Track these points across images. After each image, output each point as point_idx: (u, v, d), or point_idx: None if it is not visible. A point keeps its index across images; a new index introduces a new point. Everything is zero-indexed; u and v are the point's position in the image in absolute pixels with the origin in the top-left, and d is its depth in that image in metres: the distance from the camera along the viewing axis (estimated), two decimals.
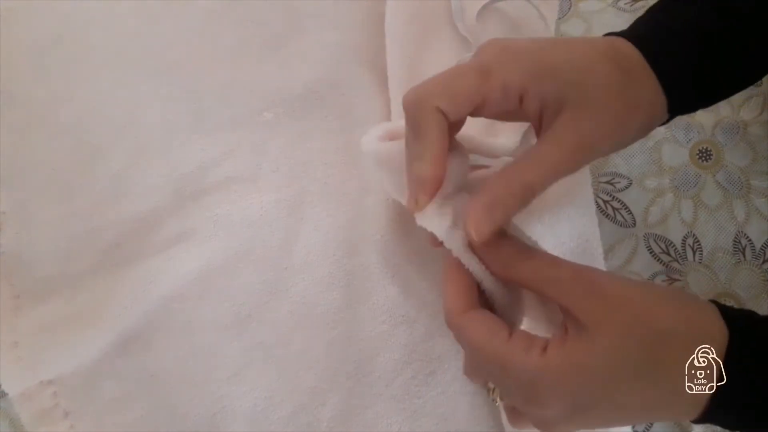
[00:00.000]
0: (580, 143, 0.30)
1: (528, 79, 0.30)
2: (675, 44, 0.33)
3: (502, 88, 0.30)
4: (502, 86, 0.30)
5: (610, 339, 0.28)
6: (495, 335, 0.29)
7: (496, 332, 0.29)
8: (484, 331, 0.29)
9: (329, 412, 0.42)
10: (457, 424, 0.42)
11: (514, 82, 0.30)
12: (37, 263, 0.42)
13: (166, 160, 0.45)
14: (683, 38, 0.34)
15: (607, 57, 0.32)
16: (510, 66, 0.31)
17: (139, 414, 0.41)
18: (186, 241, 0.43)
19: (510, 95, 0.31)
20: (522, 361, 0.28)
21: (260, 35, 0.49)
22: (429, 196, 0.31)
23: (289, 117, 0.47)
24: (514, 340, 0.29)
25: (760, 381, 0.28)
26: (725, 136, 0.49)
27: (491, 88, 0.30)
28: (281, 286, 0.44)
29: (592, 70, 0.31)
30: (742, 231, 0.47)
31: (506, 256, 0.30)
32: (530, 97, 0.31)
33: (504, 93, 0.30)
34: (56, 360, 0.40)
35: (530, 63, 0.31)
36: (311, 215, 0.45)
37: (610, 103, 0.31)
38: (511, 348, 0.29)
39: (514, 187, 0.30)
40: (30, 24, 0.46)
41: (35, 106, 0.45)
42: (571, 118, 0.30)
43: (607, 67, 0.32)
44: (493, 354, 0.29)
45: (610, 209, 0.47)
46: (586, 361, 0.28)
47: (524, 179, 0.30)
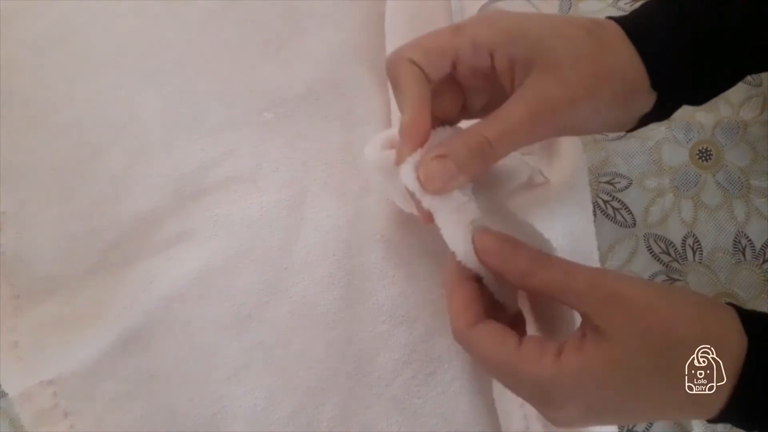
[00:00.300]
0: (542, 105, 0.30)
1: (498, 37, 0.31)
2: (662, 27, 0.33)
3: (472, 44, 0.31)
4: (471, 41, 0.31)
5: (628, 347, 0.27)
6: (504, 345, 0.29)
7: (504, 342, 0.29)
8: (492, 342, 0.29)
9: (329, 412, 0.42)
10: (457, 424, 0.42)
11: (484, 38, 0.31)
12: (37, 263, 0.42)
13: (166, 160, 0.45)
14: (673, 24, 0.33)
15: (584, 27, 0.32)
16: (483, 25, 0.31)
17: (139, 414, 0.41)
18: (186, 241, 0.43)
19: (480, 52, 0.31)
20: (535, 368, 0.28)
21: (260, 35, 0.49)
22: (410, 146, 0.31)
23: (289, 117, 0.47)
24: (524, 348, 0.29)
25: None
26: (725, 136, 0.49)
27: (462, 43, 0.31)
28: (281, 286, 0.44)
29: (565, 34, 0.31)
30: (742, 231, 0.47)
31: (520, 267, 0.30)
32: (500, 55, 0.31)
33: (474, 49, 0.31)
34: (56, 360, 0.40)
35: (503, 24, 0.31)
36: (311, 215, 0.45)
37: (577, 67, 0.31)
38: (522, 356, 0.28)
39: (471, 142, 0.30)
40: (30, 24, 0.46)
41: (35, 106, 0.45)
42: (536, 80, 0.30)
43: (580, 33, 0.32)
44: (504, 363, 0.29)
45: (610, 209, 0.47)
46: (603, 368, 0.27)
47: (482, 134, 0.30)
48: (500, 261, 0.30)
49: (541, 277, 0.29)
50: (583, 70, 0.31)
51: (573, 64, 0.31)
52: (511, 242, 0.30)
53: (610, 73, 0.31)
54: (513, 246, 0.30)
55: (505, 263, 0.30)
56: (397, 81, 0.31)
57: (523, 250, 0.30)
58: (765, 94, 0.50)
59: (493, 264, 0.30)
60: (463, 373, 0.43)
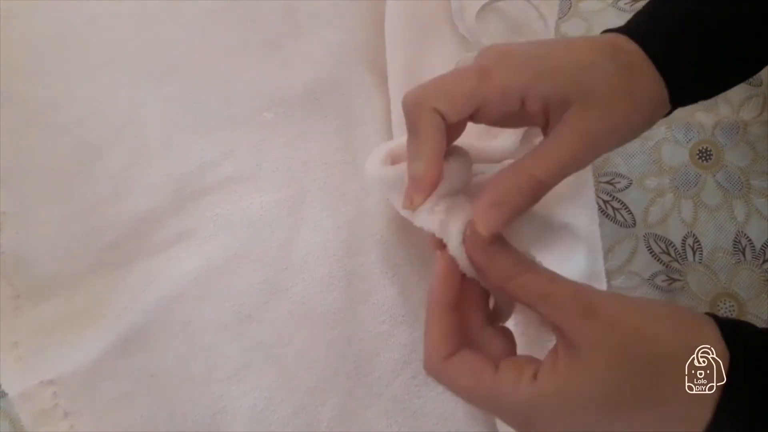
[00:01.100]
0: (587, 138, 0.30)
1: (529, 81, 0.30)
2: (674, 36, 0.34)
3: (501, 90, 0.30)
4: (501, 88, 0.30)
5: (604, 364, 0.27)
6: (479, 376, 0.28)
7: (480, 373, 0.28)
8: (468, 374, 0.29)
9: (329, 412, 0.42)
10: (457, 424, 0.42)
11: (515, 84, 0.30)
12: (37, 263, 0.42)
13: (166, 160, 0.45)
14: (682, 30, 0.34)
15: (608, 54, 0.32)
16: (510, 68, 0.31)
17: (139, 414, 0.41)
18: (186, 241, 0.43)
19: (509, 97, 0.31)
20: (512, 394, 0.27)
21: (260, 35, 0.49)
22: (423, 195, 0.31)
23: (289, 117, 0.47)
24: (501, 375, 0.28)
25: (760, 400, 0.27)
26: (725, 136, 0.49)
27: (490, 90, 0.30)
28: (281, 286, 0.44)
29: (595, 67, 0.31)
30: (742, 231, 0.47)
31: (504, 267, 0.30)
32: (533, 98, 0.31)
33: (503, 95, 0.30)
34: (56, 360, 0.40)
35: (531, 64, 0.31)
36: (311, 215, 0.45)
37: (614, 99, 0.31)
38: (499, 383, 0.28)
39: (522, 182, 0.30)
40: (30, 24, 0.46)
41: (35, 106, 0.45)
42: (577, 115, 0.30)
43: (608, 63, 0.32)
44: (481, 395, 0.28)
45: (610, 209, 0.47)
46: (580, 387, 0.27)
47: (532, 173, 0.30)
48: (486, 259, 0.30)
49: (523, 281, 0.29)
50: (619, 101, 0.31)
51: (610, 97, 0.31)
52: (500, 242, 0.30)
53: (642, 99, 0.32)
54: (500, 245, 0.30)
55: (491, 262, 0.30)
56: (416, 127, 0.31)
57: (510, 251, 0.30)
58: (765, 94, 0.50)
59: (477, 260, 0.30)
60: None
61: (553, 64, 0.31)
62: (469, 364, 0.29)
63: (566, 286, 0.29)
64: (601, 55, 0.32)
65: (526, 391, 0.27)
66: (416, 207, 0.32)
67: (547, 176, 0.30)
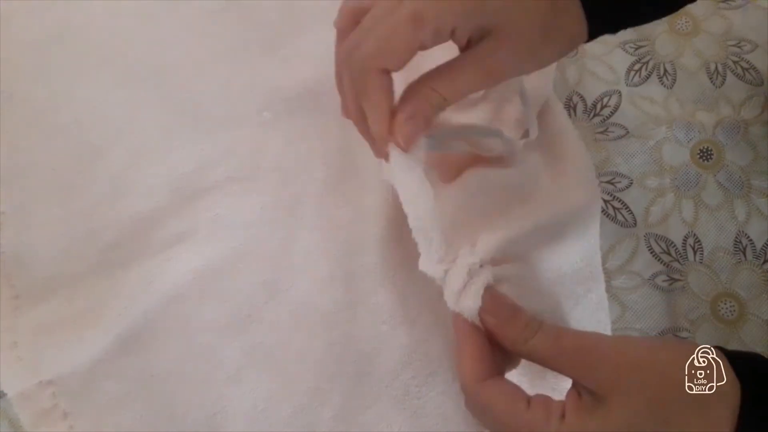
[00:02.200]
0: (491, 70, 0.32)
1: (457, 18, 0.31)
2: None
3: (435, 32, 0.31)
4: (434, 31, 0.31)
5: (623, 406, 0.28)
6: (515, 406, 0.30)
7: (516, 402, 0.30)
8: (504, 401, 0.30)
9: (329, 413, 0.42)
10: (457, 424, 0.42)
11: (446, 25, 0.31)
12: (37, 263, 0.42)
13: (166, 160, 0.45)
14: None
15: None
16: (440, 7, 0.31)
17: (139, 414, 0.40)
18: (186, 241, 0.43)
19: (443, 35, 0.32)
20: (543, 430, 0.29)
21: (260, 35, 0.49)
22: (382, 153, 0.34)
23: (288, 117, 0.47)
24: (533, 409, 0.29)
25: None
26: (726, 136, 0.49)
27: (426, 35, 0.31)
28: (281, 286, 0.44)
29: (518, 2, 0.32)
30: (743, 231, 0.46)
31: (515, 333, 0.31)
32: (459, 31, 0.32)
33: (437, 35, 0.32)
34: (56, 360, 0.40)
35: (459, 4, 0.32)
36: (311, 215, 0.45)
37: (528, 35, 0.32)
38: (532, 417, 0.29)
39: (433, 100, 0.32)
40: (30, 24, 0.46)
41: (35, 106, 0.45)
42: (488, 47, 0.32)
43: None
44: (514, 424, 0.30)
45: (610, 209, 0.47)
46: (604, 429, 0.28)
47: (438, 92, 0.32)
48: (496, 325, 0.32)
49: (530, 346, 0.31)
50: (530, 34, 0.32)
51: (524, 35, 0.32)
52: (511, 307, 0.32)
53: (556, 33, 0.33)
54: (511, 311, 0.32)
55: (502, 328, 0.32)
56: (367, 92, 0.32)
57: (520, 316, 0.32)
58: (766, 93, 0.50)
59: (490, 325, 0.32)
60: None
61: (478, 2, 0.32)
62: (506, 390, 0.31)
63: (570, 340, 0.31)
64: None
65: (555, 430, 0.29)
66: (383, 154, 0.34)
67: (451, 97, 0.33)
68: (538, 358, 0.31)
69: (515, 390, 0.31)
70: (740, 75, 0.50)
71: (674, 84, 0.50)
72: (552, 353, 0.30)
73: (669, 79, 0.50)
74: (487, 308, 0.32)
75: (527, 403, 0.30)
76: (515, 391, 0.31)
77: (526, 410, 0.29)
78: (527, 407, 0.29)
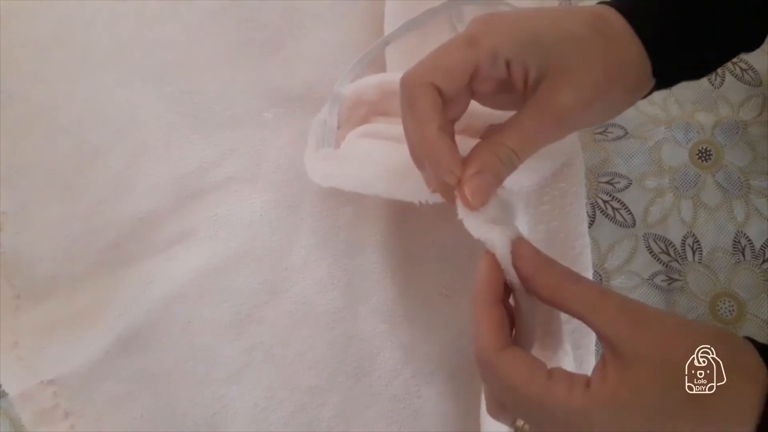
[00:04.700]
0: (558, 113, 0.31)
1: (513, 47, 0.31)
2: (658, 6, 0.33)
3: (492, 54, 0.30)
4: (491, 51, 0.30)
5: (654, 374, 0.27)
6: (535, 374, 0.29)
7: (536, 370, 0.29)
8: (524, 369, 0.29)
9: (329, 412, 0.42)
10: (458, 423, 0.42)
11: (503, 50, 0.31)
12: (37, 263, 0.42)
13: (166, 160, 0.45)
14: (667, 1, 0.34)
15: (589, 24, 0.32)
16: (496, 34, 0.31)
17: (139, 414, 0.41)
18: (186, 241, 0.43)
19: (499, 61, 0.31)
20: (566, 398, 0.28)
21: (260, 35, 0.49)
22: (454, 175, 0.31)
23: (289, 117, 0.47)
24: (555, 378, 0.28)
25: None
26: (725, 136, 0.49)
27: (481, 56, 0.30)
28: (281, 286, 0.44)
29: (575, 39, 0.31)
30: (742, 231, 0.47)
31: (553, 278, 0.30)
32: (515, 64, 0.31)
33: (493, 58, 0.31)
34: (56, 360, 0.40)
35: (515, 32, 0.31)
36: (311, 215, 0.45)
37: (590, 70, 0.31)
38: (553, 386, 0.28)
39: (501, 153, 0.31)
40: (30, 24, 0.46)
41: (35, 106, 0.45)
42: (550, 88, 0.31)
43: (588, 33, 0.32)
44: (535, 393, 0.28)
45: (609, 209, 0.47)
46: (632, 396, 0.27)
47: (506, 145, 0.31)
48: (535, 269, 0.30)
49: (572, 291, 0.29)
50: (596, 73, 0.31)
51: (585, 69, 0.31)
52: (546, 256, 0.31)
53: (621, 71, 0.32)
54: (547, 258, 0.31)
55: (540, 272, 0.30)
56: (414, 104, 0.31)
57: (557, 264, 0.31)
58: (764, 94, 0.50)
59: (527, 270, 0.30)
60: (463, 372, 0.43)
61: (535, 33, 0.31)
62: (524, 359, 0.29)
63: (616, 298, 0.29)
64: (584, 26, 0.32)
65: (580, 398, 0.27)
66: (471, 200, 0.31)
67: (520, 148, 0.31)
68: (577, 306, 0.29)
69: (534, 359, 0.29)
70: (739, 76, 0.51)
71: None
72: (594, 305, 0.29)
73: None
74: (523, 254, 0.30)
75: (548, 373, 0.28)
76: (535, 360, 0.29)
77: (548, 379, 0.28)
78: (549, 376, 0.28)
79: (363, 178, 0.40)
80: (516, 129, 0.31)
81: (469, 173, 0.31)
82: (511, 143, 0.31)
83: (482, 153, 0.31)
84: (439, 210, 0.45)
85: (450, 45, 0.31)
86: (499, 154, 0.31)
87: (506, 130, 0.31)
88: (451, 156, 0.31)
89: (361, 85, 0.44)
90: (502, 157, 0.31)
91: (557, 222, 0.44)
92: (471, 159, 0.31)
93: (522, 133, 0.31)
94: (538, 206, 0.43)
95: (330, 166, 0.41)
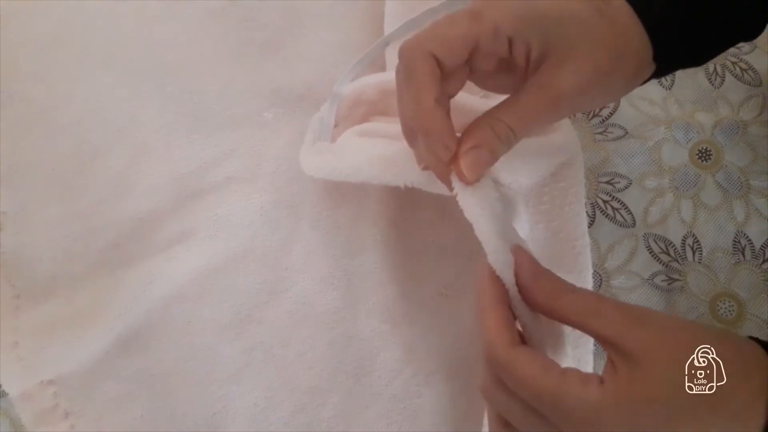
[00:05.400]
0: (558, 94, 0.31)
1: (516, 23, 0.30)
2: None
3: (494, 29, 0.30)
4: (493, 27, 0.30)
5: (664, 368, 0.27)
6: (550, 370, 0.28)
7: (550, 366, 0.28)
8: (538, 366, 0.28)
9: (329, 412, 0.42)
10: (457, 423, 0.42)
11: (505, 25, 0.30)
12: (37, 263, 0.42)
13: (166, 160, 0.45)
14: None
15: (593, 5, 0.32)
16: (500, 10, 0.31)
17: (139, 414, 0.41)
18: (186, 241, 0.43)
19: (501, 38, 0.30)
20: (581, 393, 0.28)
21: (260, 35, 0.49)
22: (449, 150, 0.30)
23: (289, 117, 0.47)
24: (569, 374, 0.28)
25: None
26: (725, 137, 0.49)
27: (483, 30, 0.30)
28: (281, 286, 0.44)
29: (577, 19, 0.31)
30: (742, 231, 0.47)
31: (550, 287, 0.30)
32: (517, 41, 0.31)
33: (495, 34, 0.30)
34: (56, 360, 0.40)
35: (519, 8, 0.31)
36: (311, 215, 0.45)
37: (592, 52, 0.31)
38: (567, 384, 0.28)
39: (499, 131, 0.31)
40: (30, 24, 0.46)
41: (35, 106, 0.45)
42: (552, 67, 0.31)
43: (592, 16, 0.32)
44: (548, 387, 0.28)
45: (609, 209, 0.47)
46: (645, 391, 0.27)
47: (504, 122, 0.31)
48: (533, 278, 0.30)
49: (570, 299, 0.29)
50: (596, 55, 0.31)
51: (587, 51, 0.31)
52: (544, 268, 0.31)
53: (623, 55, 0.32)
54: (544, 269, 0.31)
55: (537, 281, 0.30)
56: (412, 72, 0.30)
57: (554, 274, 0.31)
58: (764, 94, 0.50)
59: (525, 279, 0.30)
60: (463, 372, 0.43)
61: (539, 11, 0.31)
62: (538, 356, 0.29)
63: (614, 302, 0.29)
64: (588, 8, 0.32)
65: (595, 394, 0.27)
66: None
67: (517, 127, 0.31)
68: (574, 314, 0.29)
69: (546, 357, 0.29)
70: (739, 76, 0.51)
71: (673, 85, 0.50)
72: (593, 310, 0.29)
73: (668, 80, 0.50)
74: (521, 263, 0.30)
75: (562, 370, 0.28)
76: (545, 358, 0.29)
77: (562, 376, 0.28)
78: (562, 372, 0.28)
79: (352, 164, 0.39)
80: (515, 107, 0.31)
81: (465, 147, 0.30)
82: (509, 120, 0.31)
83: (479, 128, 0.31)
84: (440, 210, 0.45)
85: (452, 18, 0.31)
86: (496, 130, 0.31)
87: (505, 107, 0.31)
88: (446, 128, 0.30)
89: (360, 84, 0.44)
90: (500, 133, 0.31)
91: (557, 221, 0.43)
92: (468, 133, 0.31)
93: (521, 111, 0.31)
94: (538, 205, 0.43)
95: (324, 159, 0.41)
